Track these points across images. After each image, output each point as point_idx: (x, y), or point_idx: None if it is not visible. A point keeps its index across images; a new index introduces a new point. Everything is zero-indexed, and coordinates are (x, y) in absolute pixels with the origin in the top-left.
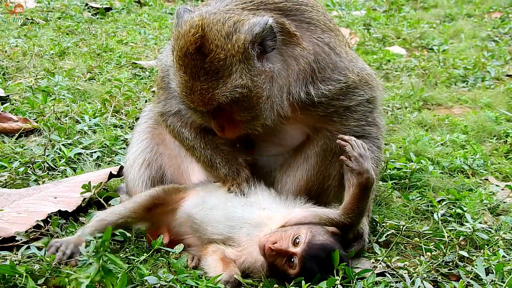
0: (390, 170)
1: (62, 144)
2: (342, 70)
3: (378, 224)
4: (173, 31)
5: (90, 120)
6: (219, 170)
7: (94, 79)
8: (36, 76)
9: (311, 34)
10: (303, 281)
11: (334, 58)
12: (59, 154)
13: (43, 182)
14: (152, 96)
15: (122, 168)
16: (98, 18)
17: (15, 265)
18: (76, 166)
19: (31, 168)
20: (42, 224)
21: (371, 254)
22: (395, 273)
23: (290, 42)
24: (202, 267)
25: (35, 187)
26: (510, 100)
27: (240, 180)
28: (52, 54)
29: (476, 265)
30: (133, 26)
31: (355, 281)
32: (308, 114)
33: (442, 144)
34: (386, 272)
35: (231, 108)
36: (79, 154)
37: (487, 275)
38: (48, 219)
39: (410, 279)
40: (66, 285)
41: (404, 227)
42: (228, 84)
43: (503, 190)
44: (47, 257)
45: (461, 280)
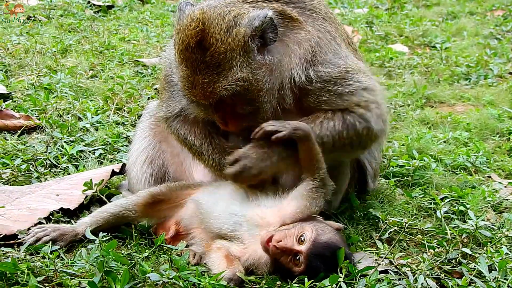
0: (393, 167)
1: (64, 142)
2: (343, 57)
3: (381, 221)
4: (175, 24)
5: (92, 117)
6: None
7: (96, 77)
8: (38, 73)
9: (313, 21)
10: (306, 278)
11: (335, 45)
12: (61, 151)
13: (45, 180)
14: (155, 93)
15: (124, 165)
16: (100, 16)
17: (17, 262)
18: (78, 164)
19: (33, 166)
20: (44, 221)
21: (374, 250)
22: (398, 270)
23: (294, 27)
24: (206, 263)
25: (37, 184)
26: None
27: None
28: (54, 51)
29: (479, 262)
30: (135, 24)
31: (358, 278)
32: (303, 103)
33: (444, 142)
34: (389, 269)
35: (233, 101)
36: (81, 151)
37: (490, 272)
38: (50, 216)
39: (413, 276)
40: (67, 287)
41: (407, 224)
42: (228, 78)
43: (506, 187)
44: (48, 253)
45: (464, 277)
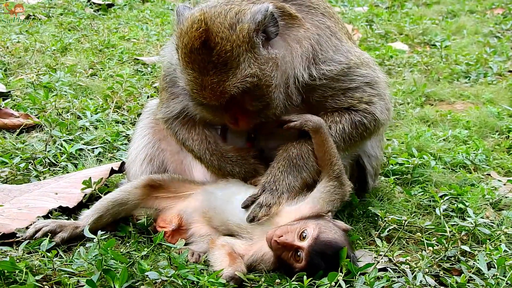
0: (392, 165)
1: (64, 140)
2: (344, 53)
3: (380, 219)
4: (175, 29)
5: (91, 116)
6: (233, 175)
7: (96, 75)
8: (38, 72)
9: (312, 17)
10: (305, 276)
11: (335, 41)
12: (60, 150)
13: (44, 178)
14: (154, 92)
15: (123, 163)
16: (100, 14)
17: (15, 261)
18: (77, 162)
19: (32, 164)
20: (43, 220)
21: (373, 248)
22: (397, 267)
23: (293, 24)
24: (209, 259)
25: (36, 183)
26: None
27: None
28: (54, 50)
29: (478, 259)
30: (135, 22)
31: (357, 276)
32: (306, 99)
33: (444, 140)
34: (388, 267)
35: (243, 98)
36: (81, 150)
37: (489, 269)
38: (49, 215)
39: (412, 274)
40: (66, 285)
41: (406, 222)
42: (238, 75)
43: (505, 185)
44: (46, 251)
45: (463, 274)
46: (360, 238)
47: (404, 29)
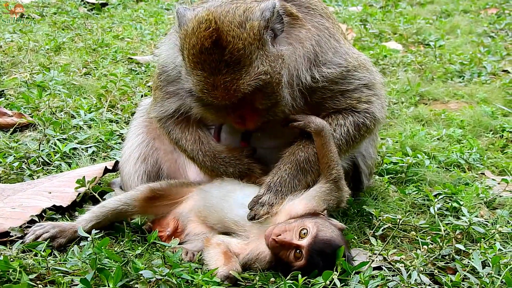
0: (387, 164)
1: (57, 139)
2: (342, 55)
3: (375, 218)
4: (177, 31)
5: (85, 115)
6: (227, 175)
7: (90, 74)
8: (31, 71)
9: (311, 18)
10: (300, 275)
11: (334, 43)
12: (54, 149)
13: (38, 177)
14: (148, 91)
15: (117, 162)
16: (94, 14)
17: (9, 260)
18: (71, 161)
19: (25, 163)
20: (36, 219)
21: (368, 247)
22: (391, 266)
23: (294, 24)
24: (204, 258)
25: (30, 182)
26: (506, 95)
27: (257, 174)
28: (48, 49)
29: (472, 258)
30: (129, 22)
31: (352, 275)
32: (311, 100)
33: (438, 139)
34: (382, 265)
35: (253, 97)
36: (74, 149)
37: (483, 268)
38: (42, 214)
39: (407, 273)
40: (60, 284)
41: (400, 221)
42: (251, 73)
43: (499, 184)
44: (41, 250)
45: (457, 273)
46: (355, 237)
47: (398, 28)
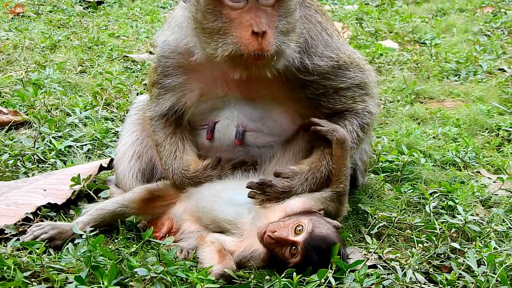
0: (382, 162)
1: (52, 137)
2: (334, 49)
3: (370, 216)
4: None
5: (81, 113)
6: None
7: (85, 72)
8: (27, 69)
9: (305, 10)
10: (294, 273)
11: (326, 37)
12: (49, 146)
13: (33, 175)
14: (144, 89)
15: (112, 160)
16: (89, 12)
17: (3, 257)
18: (66, 159)
19: (20, 161)
20: (31, 216)
21: (363, 245)
22: (386, 265)
23: None
24: (198, 256)
25: (25, 179)
26: (502, 93)
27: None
28: (43, 47)
29: (468, 257)
30: (125, 20)
31: (347, 273)
32: (297, 94)
33: (434, 137)
34: (377, 264)
35: (276, 10)
36: (70, 146)
37: (478, 266)
38: (37, 211)
39: (402, 271)
40: (54, 282)
41: (396, 219)
42: None
43: (495, 182)
44: (36, 248)
45: (452, 271)
46: (350, 235)
47: (394, 27)
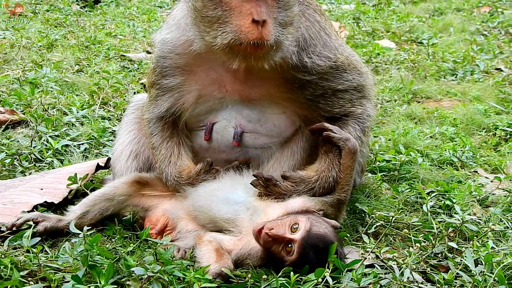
0: (379, 162)
1: (49, 136)
2: (332, 50)
3: (368, 216)
4: None
5: (77, 112)
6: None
7: (82, 71)
8: (24, 68)
9: (304, 9)
10: (292, 272)
11: (324, 36)
12: (46, 145)
13: (30, 174)
14: (141, 88)
15: (109, 159)
16: (86, 11)
17: (0, 257)
18: (63, 158)
19: (17, 160)
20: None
21: (360, 244)
22: (384, 264)
23: None
24: (195, 255)
25: (21, 178)
26: (499, 93)
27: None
28: (40, 46)
29: (465, 256)
30: (122, 19)
31: (344, 272)
32: (296, 95)
33: (431, 137)
34: (375, 263)
35: (274, 1)
36: (67, 146)
37: (476, 266)
38: (34, 210)
39: (399, 270)
40: (51, 281)
41: (393, 219)
42: None
43: (492, 182)
44: (32, 247)
45: (450, 271)
46: (347, 234)
47: (391, 26)
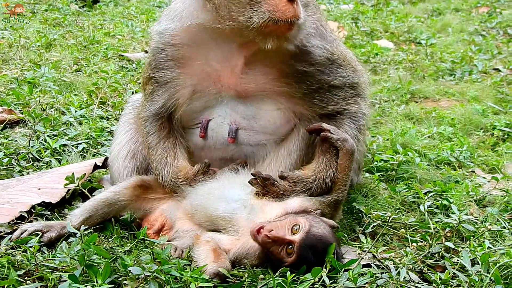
0: (377, 162)
1: (47, 136)
2: (328, 42)
3: (365, 215)
4: None
5: (76, 111)
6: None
7: (81, 71)
8: (22, 67)
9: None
10: (288, 272)
11: (321, 29)
12: (44, 145)
13: (28, 173)
14: (139, 88)
15: (107, 159)
16: (85, 11)
17: None
18: (61, 158)
19: (15, 159)
20: (25, 215)
21: (357, 244)
22: (381, 264)
23: None
24: (193, 255)
25: (19, 178)
26: (496, 93)
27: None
28: (39, 46)
29: (462, 256)
30: (120, 19)
31: (341, 272)
32: (293, 89)
33: (429, 137)
34: (372, 263)
35: None
36: (64, 145)
37: (472, 266)
38: (31, 210)
39: (396, 270)
40: (48, 280)
41: (390, 218)
42: None
43: (489, 182)
44: (29, 247)
45: (446, 271)
46: (344, 234)
47: (390, 26)
